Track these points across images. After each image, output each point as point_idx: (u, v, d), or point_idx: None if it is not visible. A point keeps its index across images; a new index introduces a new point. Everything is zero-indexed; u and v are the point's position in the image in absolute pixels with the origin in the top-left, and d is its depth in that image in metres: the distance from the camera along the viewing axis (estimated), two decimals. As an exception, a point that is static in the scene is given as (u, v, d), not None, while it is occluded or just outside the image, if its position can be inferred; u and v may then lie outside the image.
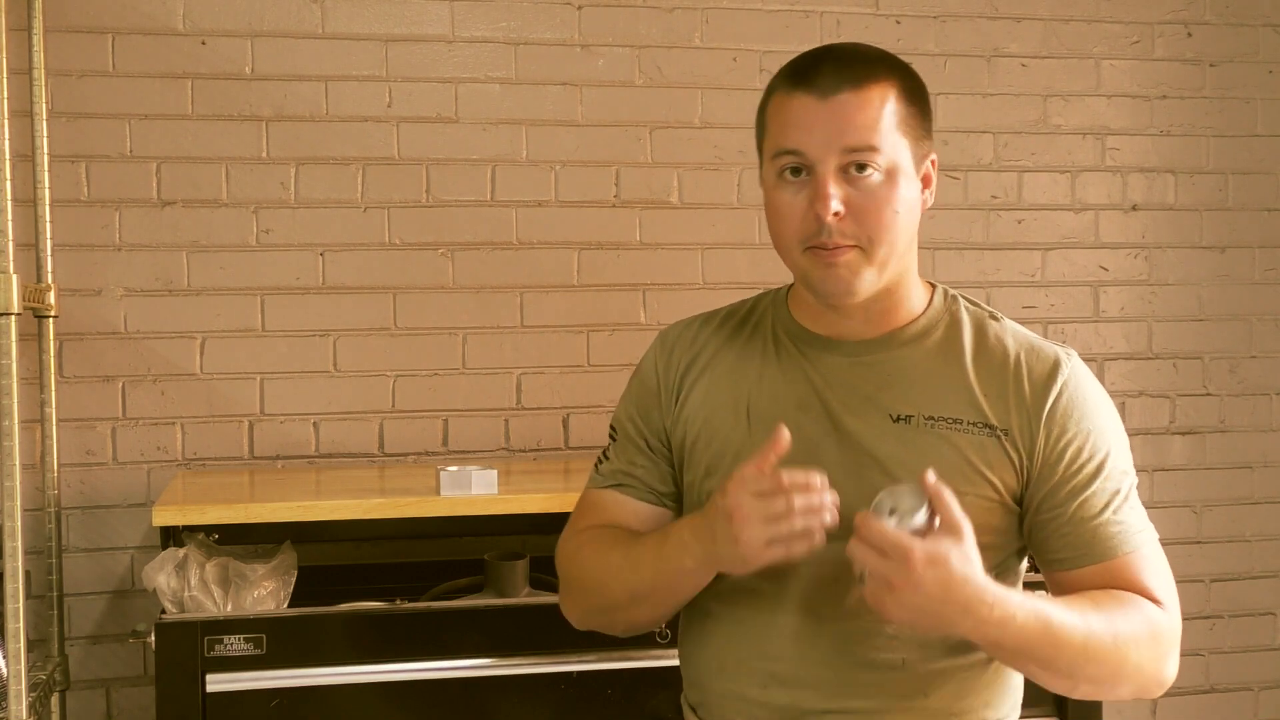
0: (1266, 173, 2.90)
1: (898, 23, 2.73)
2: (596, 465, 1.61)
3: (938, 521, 1.28)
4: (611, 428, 1.63)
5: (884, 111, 1.39)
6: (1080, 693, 1.41)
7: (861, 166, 1.38)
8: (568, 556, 1.57)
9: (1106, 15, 2.82)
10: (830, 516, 1.30)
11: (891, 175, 1.40)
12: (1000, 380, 1.46)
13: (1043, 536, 1.45)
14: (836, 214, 1.37)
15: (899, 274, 1.47)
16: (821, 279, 1.42)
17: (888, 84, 1.40)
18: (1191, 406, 2.87)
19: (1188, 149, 2.86)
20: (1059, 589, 1.46)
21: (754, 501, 1.30)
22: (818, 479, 1.30)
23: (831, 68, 1.40)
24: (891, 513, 1.28)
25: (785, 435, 1.34)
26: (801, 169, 1.40)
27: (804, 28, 2.68)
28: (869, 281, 1.42)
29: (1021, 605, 1.32)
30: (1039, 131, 2.80)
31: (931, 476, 1.29)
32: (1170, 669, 1.43)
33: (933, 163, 1.47)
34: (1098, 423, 1.45)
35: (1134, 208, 2.85)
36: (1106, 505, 1.43)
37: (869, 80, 1.39)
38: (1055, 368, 1.46)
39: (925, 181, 1.46)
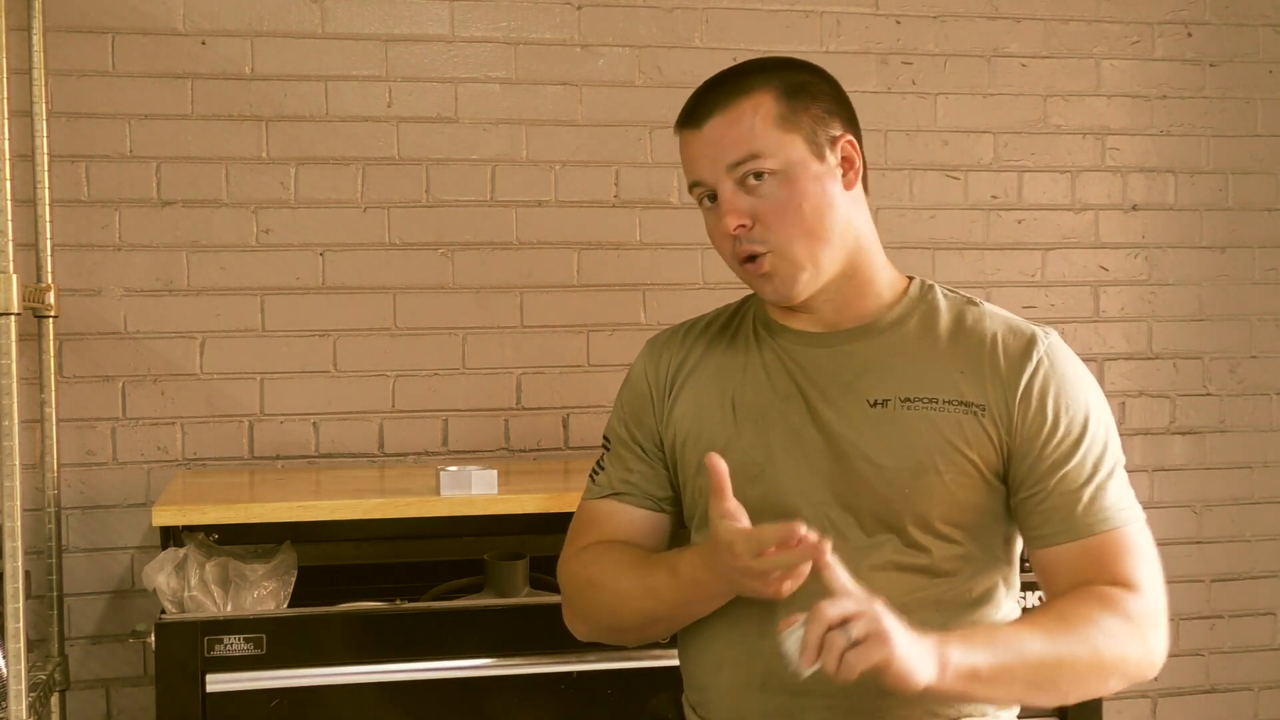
0: (1266, 173, 2.90)
1: (898, 23, 2.73)
2: (592, 477, 1.63)
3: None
4: (605, 438, 1.65)
5: (756, 119, 1.45)
6: (1071, 702, 1.41)
7: (758, 175, 1.45)
8: (571, 576, 1.58)
9: (1106, 15, 2.82)
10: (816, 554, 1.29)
11: (788, 173, 1.45)
12: (977, 358, 1.48)
13: (1025, 513, 1.46)
14: (742, 226, 1.45)
15: (849, 261, 1.50)
16: (760, 288, 1.50)
17: (760, 93, 1.46)
18: (1191, 406, 2.87)
19: (1188, 149, 2.86)
20: (1041, 571, 1.47)
21: (760, 561, 1.31)
22: (801, 529, 1.28)
23: (706, 98, 1.49)
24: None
25: (720, 465, 1.35)
26: (714, 196, 1.48)
27: (804, 28, 2.69)
28: (806, 280, 1.47)
29: (983, 647, 1.32)
30: (1039, 131, 2.80)
31: (804, 533, 1.28)
32: (1157, 648, 1.42)
33: (850, 144, 1.50)
34: (1077, 398, 1.47)
35: (1134, 208, 2.85)
36: (1088, 480, 1.44)
37: (736, 98, 1.46)
38: (1031, 344, 1.48)
39: (846, 165, 1.49)
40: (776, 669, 1.44)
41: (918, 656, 1.25)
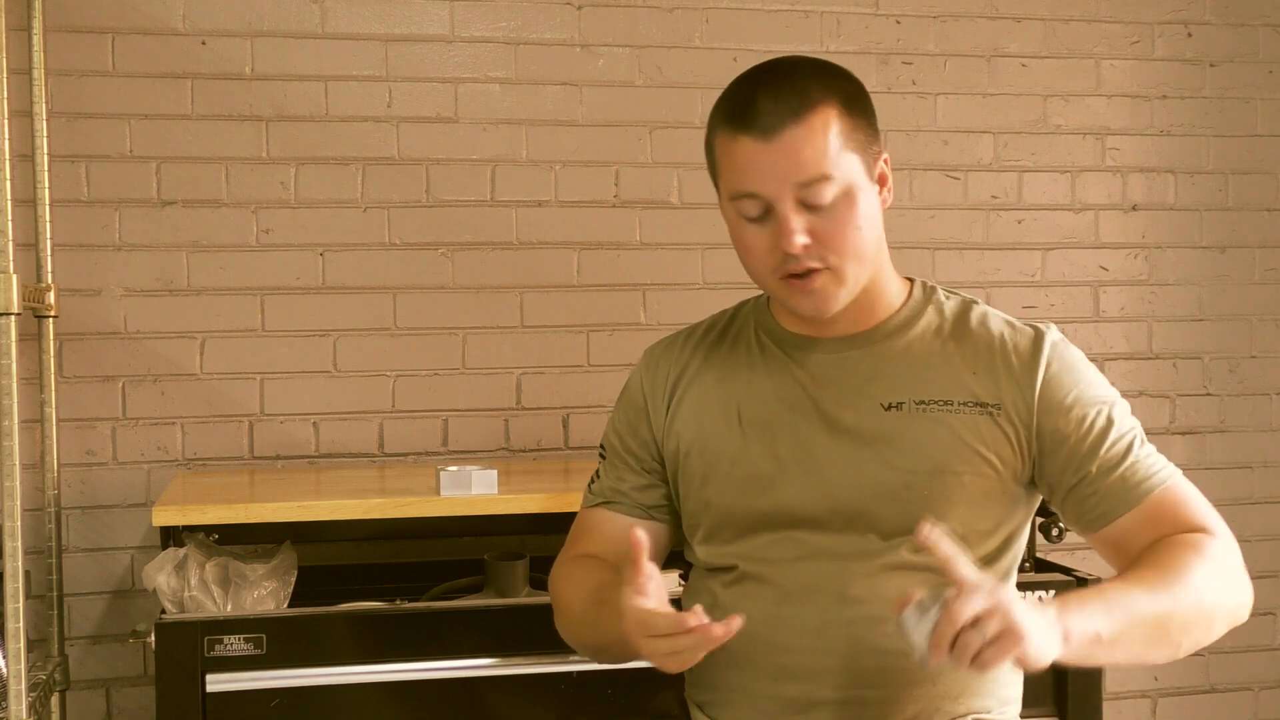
0: (1266, 173, 2.90)
1: (898, 23, 2.73)
2: (590, 484, 1.64)
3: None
4: (601, 447, 1.66)
5: (829, 137, 1.40)
6: (1181, 655, 1.40)
7: (819, 194, 1.40)
8: (551, 585, 1.61)
9: (1106, 15, 2.82)
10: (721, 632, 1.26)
11: (849, 194, 1.41)
12: (987, 358, 1.48)
13: (1078, 500, 1.46)
14: (804, 245, 1.40)
15: (871, 273, 1.49)
16: (799, 304, 1.46)
17: (827, 106, 1.41)
18: (1191, 406, 2.87)
19: (1188, 149, 2.86)
20: (1110, 548, 1.47)
21: (651, 642, 1.29)
22: (691, 621, 1.26)
23: (769, 103, 1.39)
24: (925, 610, 1.23)
25: (640, 540, 1.31)
26: (762, 209, 1.42)
27: (804, 28, 2.69)
28: (844, 297, 1.46)
29: (1100, 612, 1.29)
30: (1039, 131, 2.80)
31: (928, 531, 1.25)
32: (1244, 589, 1.45)
33: (885, 160, 1.49)
34: (1093, 383, 1.49)
35: (1134, 208, 2.85)
36: (1128, 451, 1.46)
37: (808, 108, 1.40)
38: (1038, 341, 1.49)
39: (881, 181, 1.48)
40: (786, 662, 1.45)
41: (1047, 638, 1.23)
